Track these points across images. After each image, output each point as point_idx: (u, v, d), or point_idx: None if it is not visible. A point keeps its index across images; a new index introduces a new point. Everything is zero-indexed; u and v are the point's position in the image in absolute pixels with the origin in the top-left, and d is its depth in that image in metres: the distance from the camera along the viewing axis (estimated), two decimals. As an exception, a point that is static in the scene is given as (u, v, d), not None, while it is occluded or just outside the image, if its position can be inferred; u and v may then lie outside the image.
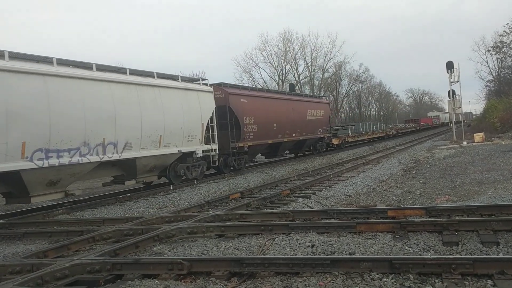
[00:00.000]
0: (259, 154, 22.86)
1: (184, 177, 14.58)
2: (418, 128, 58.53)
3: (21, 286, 4.37)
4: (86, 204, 11.47)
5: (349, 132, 32.25)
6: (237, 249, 5.72)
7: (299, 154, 25.86)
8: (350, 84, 75.08)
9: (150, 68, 13.95)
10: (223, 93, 17.42)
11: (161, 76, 13.92)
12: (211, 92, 15.99)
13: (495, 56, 58.31)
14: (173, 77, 14.58)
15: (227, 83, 18.72)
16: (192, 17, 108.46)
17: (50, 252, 6.03)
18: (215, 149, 15.95)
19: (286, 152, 25.03)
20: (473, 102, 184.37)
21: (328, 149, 28.19)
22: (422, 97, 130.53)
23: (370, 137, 37.51)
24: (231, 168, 17.72)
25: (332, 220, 6.83)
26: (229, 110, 17.30)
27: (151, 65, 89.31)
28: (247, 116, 18.17)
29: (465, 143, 25.52)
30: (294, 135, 22.38)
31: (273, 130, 20.35)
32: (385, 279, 4.14)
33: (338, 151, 28.54)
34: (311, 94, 44.25)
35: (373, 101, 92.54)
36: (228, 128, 17.09)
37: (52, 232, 7.72)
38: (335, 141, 28.71)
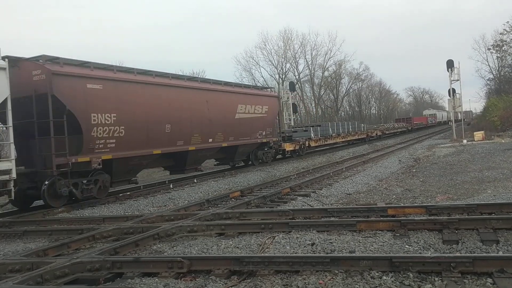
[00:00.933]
0: (162, 169, 16.31)
1: None
2: (410, 128, 51.92)
3: (21, 285, 4.37)
4: (86, 202, 11.46)
5: (312, 135, 25.36)
6: (237, 247, 5.73)
7: (236, 165, 19.15)
8: (350, 83, 75.30)
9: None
10: (44, 72, 10.35)
11: None
12: (3, 68, 9.38)
13: (495, 54, 58.31)
14: None
15: (57, 57, 10.92)
16: (193, 16, 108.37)
17: (50, 251, 6.05)
18: (7, 170, 9.17)
19: (215, 163, 19.44)
20: (473, 101, 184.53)
21: (286, 156, 22.72)
22: (422, 95, 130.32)
23: (343, 140, 30.35)
24: (73, 198, 11.09)
25: (332, 219, 6.83)
26: (53, 101, 10.29)
27: (151, 64, 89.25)
28: (101, 112, 11.30)
29: (465, 141, 25.55)
30: (211, 140, 15.71)
31: (165, 134, 13.53)
32: (385, 278, 4.14)
33: (294, 159, 22.01)
34: (252, 84, 34.37)
35: (373, 99, 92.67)
36: (50, 132, 10.23)
37: (52, 231, 7.73)
38: (288, 147, 22.23)
